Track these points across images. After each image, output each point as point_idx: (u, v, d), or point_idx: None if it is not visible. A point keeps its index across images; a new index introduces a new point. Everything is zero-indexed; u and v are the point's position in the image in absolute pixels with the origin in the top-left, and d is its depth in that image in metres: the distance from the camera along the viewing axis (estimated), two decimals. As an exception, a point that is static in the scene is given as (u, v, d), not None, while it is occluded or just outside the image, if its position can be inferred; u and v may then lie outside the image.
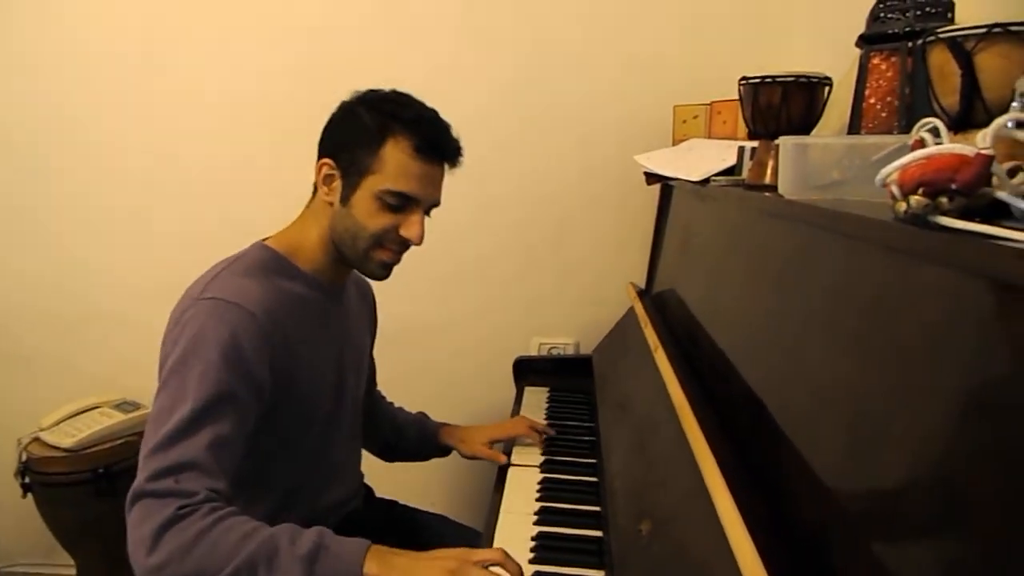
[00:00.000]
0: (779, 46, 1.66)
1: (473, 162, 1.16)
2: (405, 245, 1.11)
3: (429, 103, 1.12)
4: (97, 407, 1.90)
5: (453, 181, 1.15)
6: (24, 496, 1.82)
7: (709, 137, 1.55)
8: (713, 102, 1.55)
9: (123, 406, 1.90)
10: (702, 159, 1.32)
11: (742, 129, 1.42)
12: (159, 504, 0.86)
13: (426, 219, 1.11)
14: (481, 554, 0.90)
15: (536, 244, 1.93)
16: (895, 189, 0.51)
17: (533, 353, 1.94)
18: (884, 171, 0.52)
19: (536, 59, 1.83)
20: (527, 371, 1.79)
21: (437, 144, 1.08)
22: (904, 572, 0.50)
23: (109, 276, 2.01)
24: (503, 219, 1.92)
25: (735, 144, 1.31)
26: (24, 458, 1.81)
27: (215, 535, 0.85)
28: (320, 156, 1.11)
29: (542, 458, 1.34)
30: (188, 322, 0.99)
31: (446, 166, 1.12)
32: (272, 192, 1.88)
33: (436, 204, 1.13)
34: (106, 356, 2.04)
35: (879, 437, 0.55)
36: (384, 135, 1.05)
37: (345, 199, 1.08)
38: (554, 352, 1.95)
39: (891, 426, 0.54)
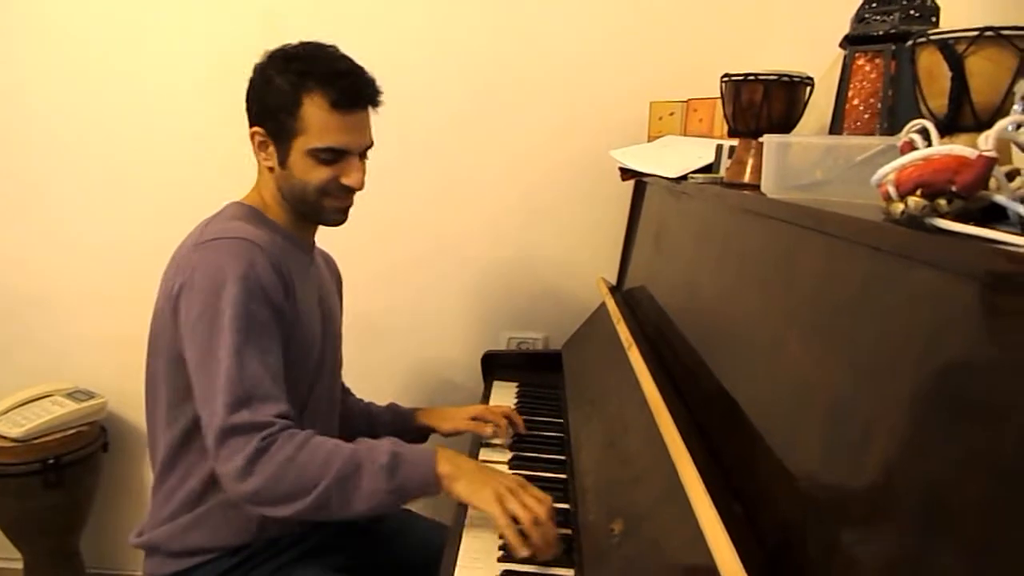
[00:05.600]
0: (756, 46, 1.66)
1: (443, 151, 1.16)
2: (350, 191, 1.15)
3: (348, 56, 1.13)
4: (49, 395, 1.83)
5: (423, 170, 1.16)
6: (-33, 487, 1.75)
7: (685, 134, 1.54)
8: (690, 99, 1.55)
9: (76, 395, 1.83)
10: (679, 156, 1.31)
11: (719, 127, 1.42)
12: (243, 439, 0.94)
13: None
14: (532, 495, 0.98)
15: (506, 237, 1.90)
16: (891, 189, 0.50)
17: (502, 347, 1.92)
18: (881, 171, 0.52)
19: (511, 49, 1.80)
20: (496, 365, 1.77)
21: (353, 94, 1.10)
22: (882, 572, 0.50)
23: (62, 257, 1.93)
24: (473, 210, 1.89)
25: (712, 142, 1.31)
26: (-31, 446, 1.73)
27: (302, 458, 0.94)
28: (250, 124, 1.15)
29: (510, 454, 1.32)
30: (199, 265, 1.03)
31: (369, 109, 1.14)
32: (218, 167, 1.84)
33: (369, 146, 1.16)
34: (57, 341, 1.96)
35: (868, 440, 0.54)
36: (299, 95, 1.08)
37: (283, 162, 1.12)
38: (523, 347, 1.93)
39: (878, 429, 0.53)
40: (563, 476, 1.24)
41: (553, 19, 1.78)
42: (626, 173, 1.47)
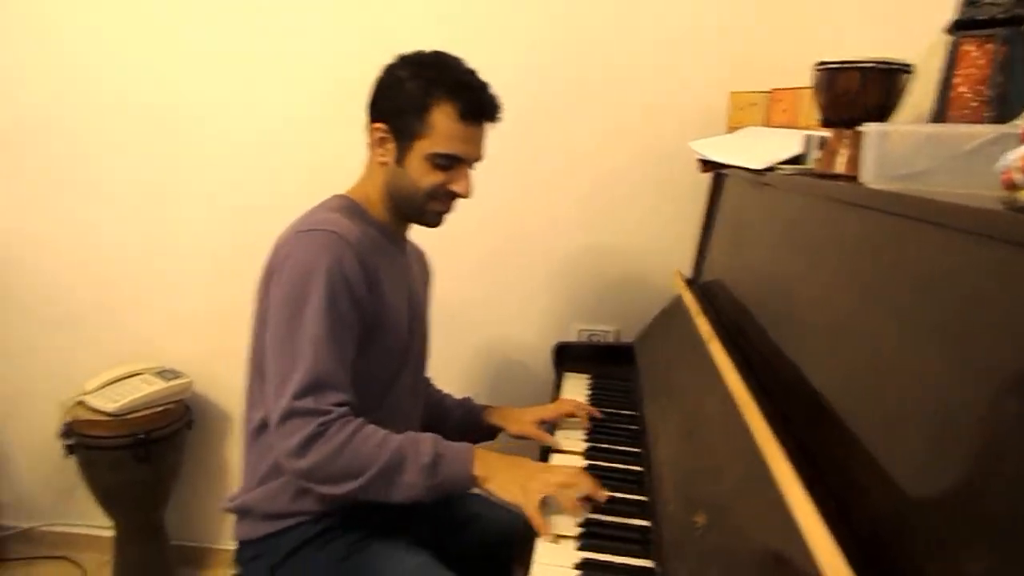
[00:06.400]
0: (838, 32, 1.60)
1: (516, 142, 1.19)
2: (456, 197, 1.22)
3: (476, 70, 1.20)
4: (139, 374, 1.92)
5: (494, 163, 1.22)
6: (66, 457, 1.85)
7: (768, 125, 1.51)
8: (774, 89, 1.51)
9: (164, 374, 1.91)
10: (763, 147, 1.28)
11: (804, 117, 1.38)
12: (304, 421, 1.02)
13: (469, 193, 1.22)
14: (584, 483, 1.05)
15: (577, 228, 1.89)
16: (1018, 176, 0.48)
17: (573, 339, 1.92)
18: (1005, 158, 0.49)
19: (588, 36, 1.79)
20: (567, 357, 1.77)
21: (479, 108, 1.18)
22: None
23: (153, 243, 2.02)
24: (544, 202, 1.89)
25: (798, 132, 1.27)
26: (68, 420, 1.84)
27: (354, 445, 1.02)
28: (372, 120, 1.21)
29: (586, 445, 1.32)
30: (291, 252, 1.10)
31: (488, 125, 1.21)
32: (308, 162, 1.90)
33: (480, 159, 1.23)
34: (147, 323, 2.06)
35: (980, 441, 0.52)
36: (430, 102, 1.15)
37: (399, 160, 1.19)
38: (594, 339, 1.93)
39: (993, 431, 0.51)
40: (638, 468, 1.24)
41: (630, 7, 1.76)
42: (707, 165, 1.45)
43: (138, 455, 1.81)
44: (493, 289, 1.95)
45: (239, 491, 1.22)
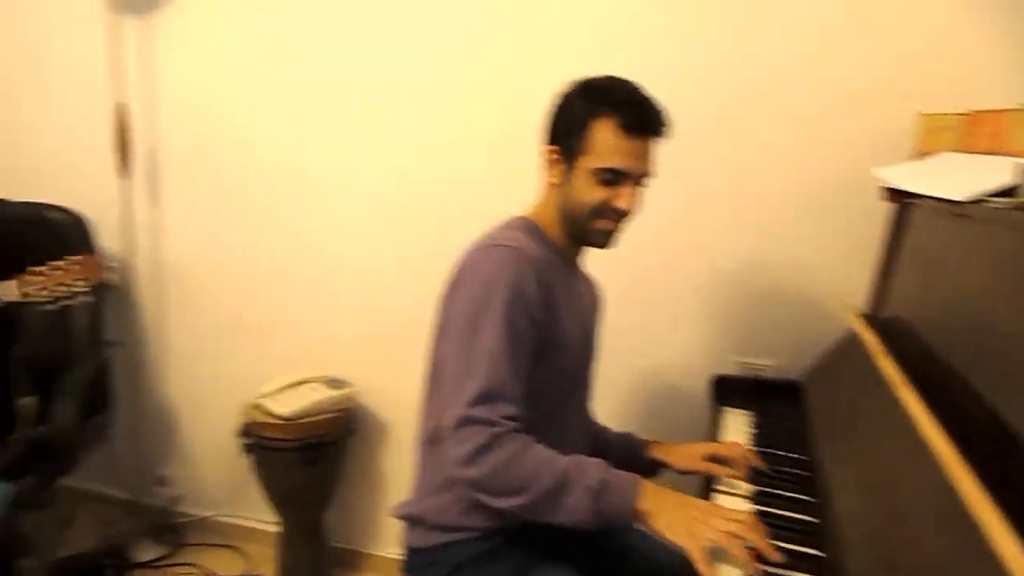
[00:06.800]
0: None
1: (680, 158, 1.18)
2: (621, 214, 1.21)
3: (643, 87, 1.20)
4: (308, 382, 2.05)
5: (654, 179, 1.19)
6: (244, 455, 2.01)
7: (966, 151, 1.37)
8: (975, 111, 1.38)
9: (333, 382, 2.04)
10: (966, 176, 1.17)
11: (1017, 143, 1.25)
12: (477, 429, 1.04)
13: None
14: (756, 535, 0.98)
15: (738, 254, 1.81)
16: None
17: (730, 372, 1.84)
18: None
19: (758, 50, 1.71)
20: (727, 391, 1.70)
21: (642, 120, 1.18)
22: None
23: (323, 264, 2.16)
24: (704, 221, 1.82)
25: (1008, 160, 1.15)
26: (246, 421, 1.99)
27: (522, 460, 1.03)
28: (545, 144, 1.26)
29: (754, 488, 1.25)
30: (475, 265, 1.15)
31: (654, 139, 1.20)
32: (466, 187, 1.95)
33: (647, 175, 1.22)
34: (316, 335, 2.20)
35: None
36: (592, 118, 1.17)
37: (567, 179, 1.22)
38: (754, 373, 1.83)
39: None
40: (809, 518, 1.16)
41: (804, 20, 1.67)
42: (895, 194, 1.34)
43: (307, 458, 1.93)
44: (645, 316, 1.91)
45: (410, 499, 1.27)
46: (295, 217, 2.16)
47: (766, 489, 1.25)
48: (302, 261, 2.18)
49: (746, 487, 1.26)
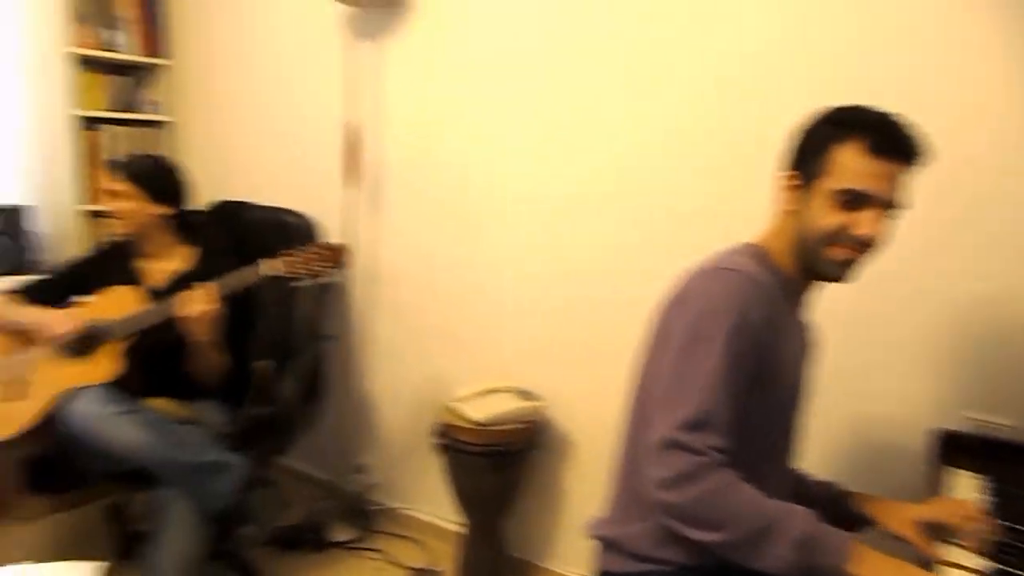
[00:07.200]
0: None
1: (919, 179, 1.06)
2: (861, 244, 1.11)
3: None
4: (499, 391, 2.12)
5: None
6: (435, 453, 2.11)
7: None
8: None
9: (523, 393, 2.09)
10: None
11: None
12: (683, 455, 1.00)
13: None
14: None
15: (981, 290, 1.61)
16: None
17: (961, 428, 1.64)
18: None
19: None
20: (953, 449, 1.52)
21: (893, 141, 1.09)
22: None
23: (521, 277, 2.23)
24: (940, 252, 1.63)
25: None
26: (442, 422, 2.10)
27: (725, 496, 0.99)
28: (785, 169, 1.20)
29: (991, 565, 1.11)
30: (703, 287, 1.12)
31: (905, 164, 1.10)
32: (671, 208, 1.91)
33: (894, 204, 1.12)
34: (510, 346, 2.27)
35: None
36: (836, 138, 1.11)
37: (804, 204, 1.15)
38: (989, 432, 1.63)
39: None
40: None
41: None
42: None
43: (495, 464, 1.99)
44: (865, 358, 1.75)
45: (605, 520, 1.26)
46: (496, 233, 2.26)
47: (1007, 568, 1.11)
48: (501, 275, 2.27)
49: (979, 562, 1.12)
